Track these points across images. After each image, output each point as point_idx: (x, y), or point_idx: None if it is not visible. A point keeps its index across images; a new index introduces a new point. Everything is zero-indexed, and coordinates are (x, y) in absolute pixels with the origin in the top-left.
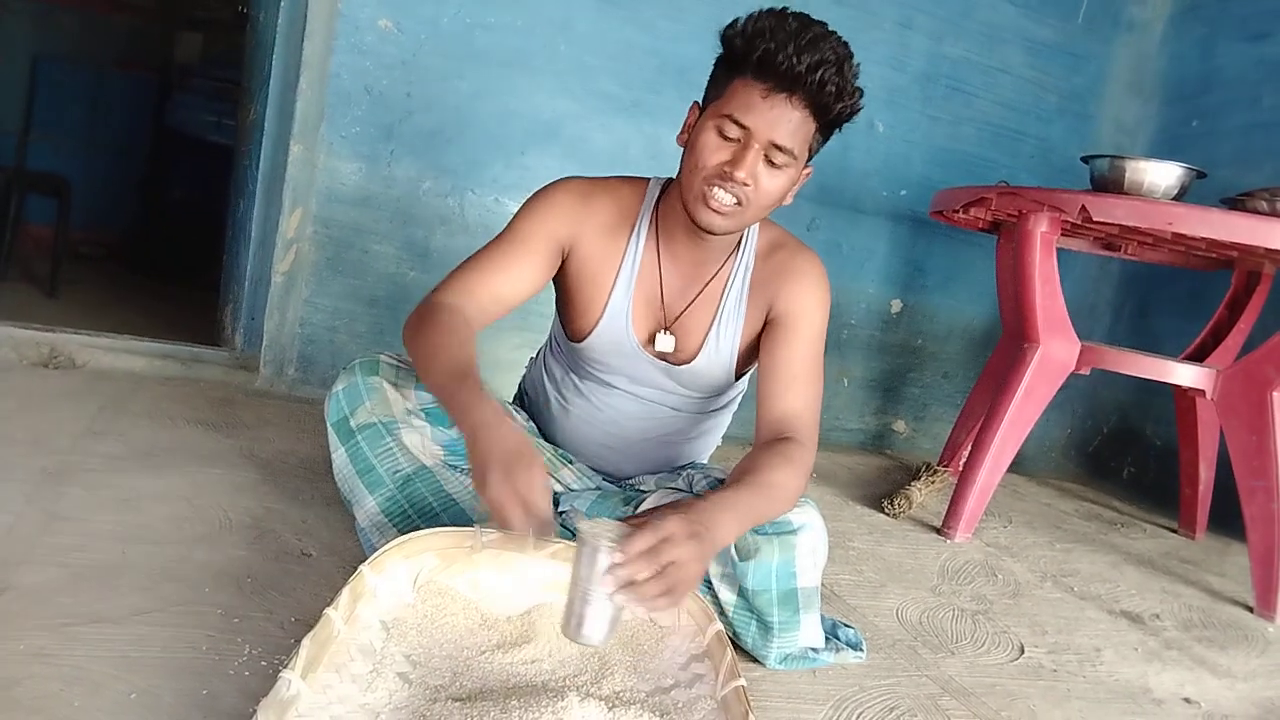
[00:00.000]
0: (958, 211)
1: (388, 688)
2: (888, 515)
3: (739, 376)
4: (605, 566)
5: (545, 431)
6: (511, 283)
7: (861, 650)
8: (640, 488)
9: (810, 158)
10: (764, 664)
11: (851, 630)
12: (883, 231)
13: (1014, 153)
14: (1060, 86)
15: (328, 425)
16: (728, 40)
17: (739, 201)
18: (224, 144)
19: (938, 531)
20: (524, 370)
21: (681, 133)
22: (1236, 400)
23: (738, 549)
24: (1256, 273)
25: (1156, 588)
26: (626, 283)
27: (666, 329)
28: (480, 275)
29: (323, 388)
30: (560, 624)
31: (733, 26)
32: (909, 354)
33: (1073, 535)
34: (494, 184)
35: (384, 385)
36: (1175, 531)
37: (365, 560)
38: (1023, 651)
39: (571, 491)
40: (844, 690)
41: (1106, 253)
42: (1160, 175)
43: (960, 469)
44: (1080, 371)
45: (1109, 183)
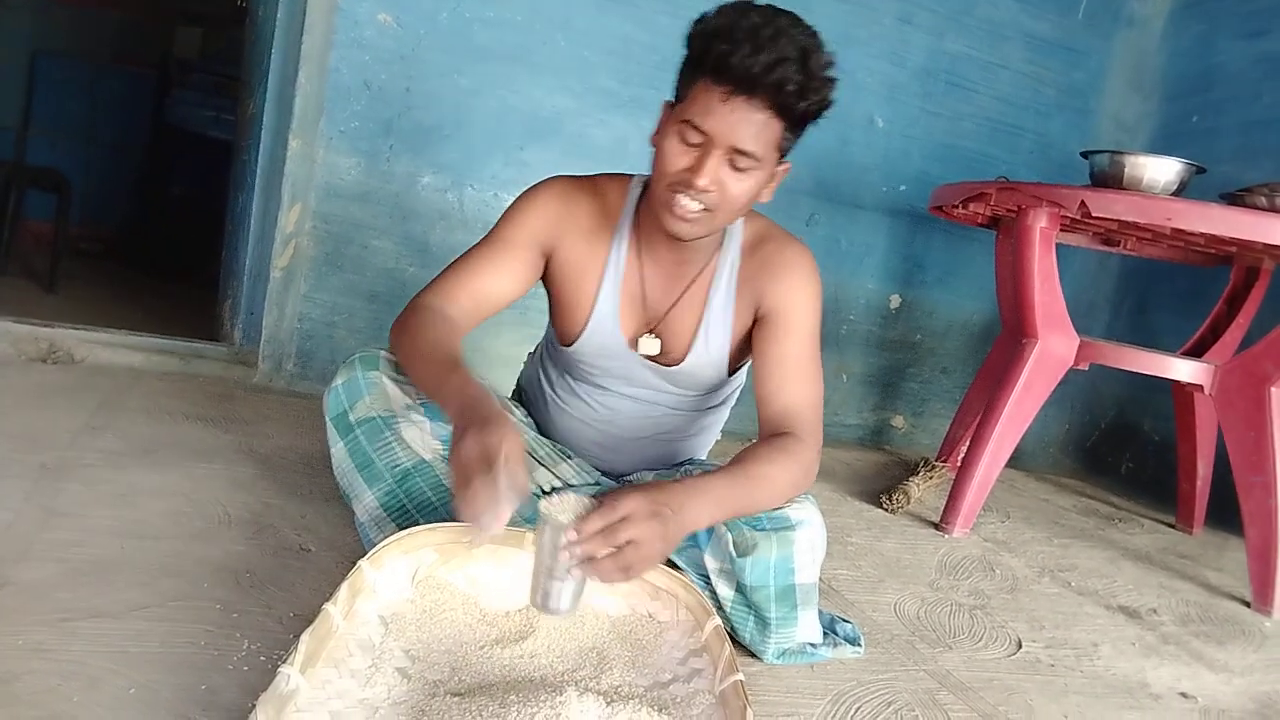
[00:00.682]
0: (957, 207)
1: (386, 683)
2: (886, 510)
3: (733, 372)
4: (563, 543)
5: (543, 428)
6: (495, 285)
7: (859, 645)
8: (638, 483)
9: (784, 155)
10: (762, 659)
11: (850, 625)
12: (882, 227)
13: (1013, 148)
14: (1060, 82)
15: (326, 420)
16: (689, 39)
17: (706, 207)
18: (223, 139)
19: (936, 527)
20: (522, 366)
21: (655, 132)
22: (1235, 396)
23: (735, 545)
24: (1255, 268)
25: (1154, 583)
26: (612, 285)
27: (651, 331)
28: (464, 279)
29: (321, 383)
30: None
31: (698, 22)
32: (908, 349)
33: (1070, 530)
34: (493, 179)
35: (383, 380)
36: (1173, 527)
37: (364, 555)
38: (1020, 646)
39: (570, 486)
40: (842, 685)
41: (1105, 248)
42: (1160, 171)
43: (958, 464)
44: (1079, 367)
45: (1108, 178)
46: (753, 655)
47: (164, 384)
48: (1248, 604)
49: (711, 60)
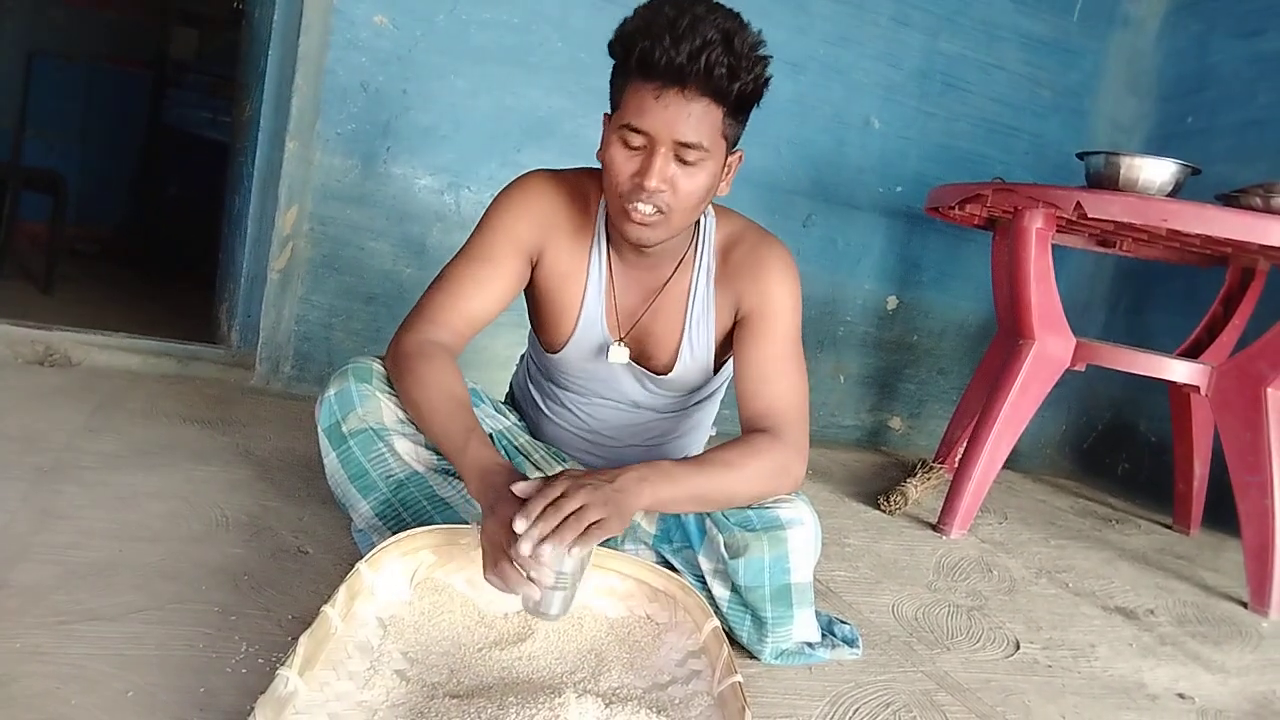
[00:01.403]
0: (953, 208)
1: (385, 685)
2: (883, 512)
3: (718, 369)
4: (527, 552)
5: (536, 431)
6: (483, 302)
7: (857, 646)
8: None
9: (733, 144)
10: (760, 659)
11: (847, 626)
12: (878, 228)
13: (1009, 149)
14: (1056, 83)
15: (319, 430)
16: (611, 46)
17: (660, 210)
18: (219, 140)
19: (933, 528)
20: (515, 367)
21: (599, 148)
22: (1231, 396)
23: (727, 546)
24: (1251, 269)
25: (1151, 583)
26: (597, 289)
27: (622, 339)
28: (451, 301)
29: (319, 385)
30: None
31: (619, 28)
32: (905, 350)
33: (1067, 531)
34: (490, 181)
35: (376, 392)
36: (1169, 528)
37: (362, 558)
38: (1018, 647)
39: None
40: (840, 686)
41: (1101, 249)
42: (1155, 172)
43: (956, 465)
44: (1075, 368)
45: (1104, 179)
46: (751, 656)
47: (161, 386)
48: (1244, 604)
49: (635, 60)
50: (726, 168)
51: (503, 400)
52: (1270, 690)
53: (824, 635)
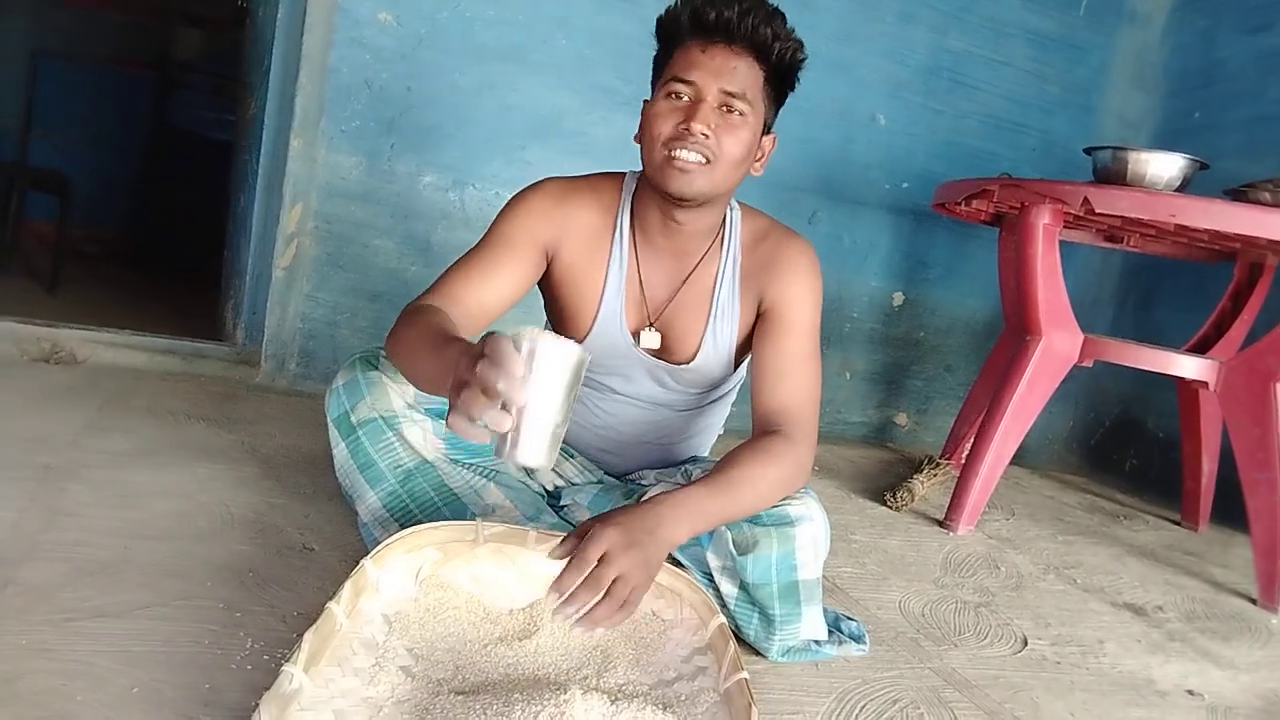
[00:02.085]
0: (960, 204)
1: (390, 681)
2: (890, 508)
3: (736, 366)
4: (553, 369)
5: None
6: (497, 288)
7: (864, 643)
8: (641, 481)
9: (769, 124)
10: (766, 656)
11: (854, 623)
12: (885, 224)
13: (1016, 145)
14: (1063, 79)
15: (328, 420)
16: (660, 25)
17: (705, 159)
18: (224, 141)
19: (940, 524)
20: None
21: (638, 131)
22: (1240, 392)
23: (735, 543)
24: (1259, 264)
25: (1159, 580)
26: (617, 284)
27: (651, 325)
28: (465, 281)
29: (324, 383)
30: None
31: (665, 12)
32: (911, 347)
33: (1075, 528)
34: (494, 178)
35: (384, 380)
36: (1178, 524)
37: (367, 554)
38: (1026, 644)
39: (573, 485)
40: (847, 683)
41: (1109, 245)
42: (1163, 167)
43: (962, 462)
44: (1083, 364)
45: (1112, 174)
46: (757, 653)
47: (167, 384)
48: (1254, 601)
49: (687, 20)
50: (760, 149)
51: None
52: None
53: (831, 632)
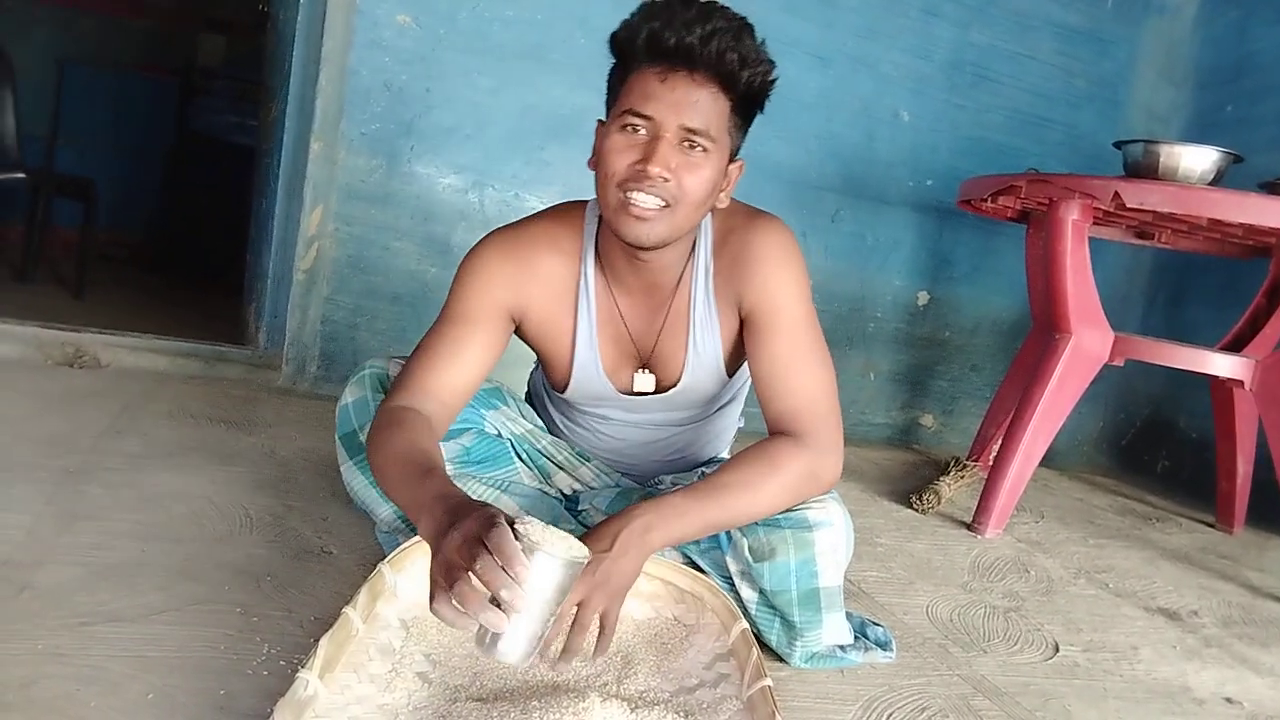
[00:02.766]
0: (986, 201)
1: (407, 688)
2: (916, 511)
3: (734, 373)
4: (557, 581)
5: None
6: (465, 369)
7: (891, 649)
8: (659, 486)
9: (735, 150)
10: (789, 663)
11: (880, 629)
12: (909, 222)
13: (1042, 141)
14: (1089, 72)
15: (336, 437)
16: (613, 43)
17: (665, 203)
18: (246, 145)
19: (968, 527)
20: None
21: (591, 156)
22: (1276, 390)
23: (751, 549)
24: None
25: (1194, 584)
26: (588, 333)
27: (644, 367)
28: (431, 370)
29: (344, 385)
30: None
31: (619, 30)
32: (936, 347)
33: (1106, 530)
34: (514, 179)
35: None
36: (1212, 526)
37: (385, 559)
38: (1057, 650)
39: (591, 490)
40: (873, 690)
41: (1139, 241)
42: (1196, 160)
43: (990, 463)
44: (1113, 363)
45: (1142, 168)
46: (780, 659)
47: (188, 387)
48: None
49: (643, 42)
50: (727, 177)
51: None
52: None
53: (856, 638)
